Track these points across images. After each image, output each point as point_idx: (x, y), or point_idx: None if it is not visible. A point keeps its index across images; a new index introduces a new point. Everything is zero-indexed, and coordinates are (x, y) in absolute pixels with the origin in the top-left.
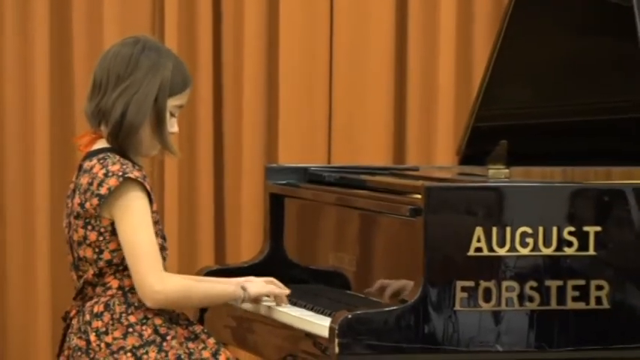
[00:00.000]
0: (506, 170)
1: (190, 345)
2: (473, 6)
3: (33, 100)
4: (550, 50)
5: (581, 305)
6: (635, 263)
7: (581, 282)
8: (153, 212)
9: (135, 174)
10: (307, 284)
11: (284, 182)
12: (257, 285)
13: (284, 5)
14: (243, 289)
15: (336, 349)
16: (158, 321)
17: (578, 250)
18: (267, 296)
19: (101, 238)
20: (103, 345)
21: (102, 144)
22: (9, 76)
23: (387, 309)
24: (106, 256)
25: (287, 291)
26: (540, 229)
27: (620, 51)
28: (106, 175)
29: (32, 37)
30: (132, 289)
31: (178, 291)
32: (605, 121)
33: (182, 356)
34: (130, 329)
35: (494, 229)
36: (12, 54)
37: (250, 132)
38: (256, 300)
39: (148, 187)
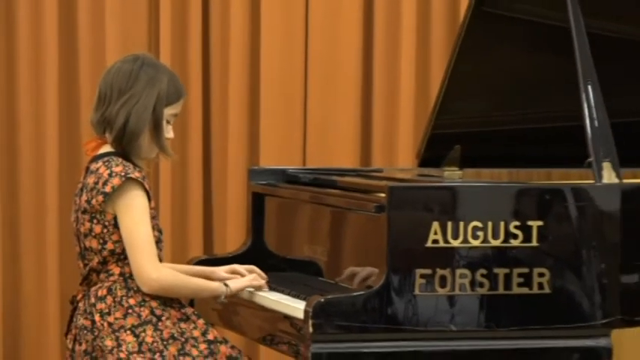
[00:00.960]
0: (460, 172)
1: (182, 325)
2: (430, 26)
3: (44, 110)
4: (499, 66)
5: (525, 290)
6: (573, 253)
7: (525, 270)
8: (151, 209)
9: (136, 174)
10: (285, 272)
11: (264, 182)
12: (238, 282)
13: (265, 27)
14: (226, 285)
15: (310, 329)
16: (154, 303)
17: (523, 242)
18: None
19: (105, 231)
20: (106, 324)
21: (106, 149)
22: (23, 90)
23: (355, 294)
24: (110, 246)
25: (264, 282)
26: (489, 223)
27: (561, 67)
28: (110, 175)
29: (44, 56)
30: (132, 276)
31: (171, 282)
32: (547, 129)
33: (175, 335)
34: (130, 310)
35: (449, 224)
36: (26, 70)
37: (235, 138)
38: (234, 295)
39: (147, 186)
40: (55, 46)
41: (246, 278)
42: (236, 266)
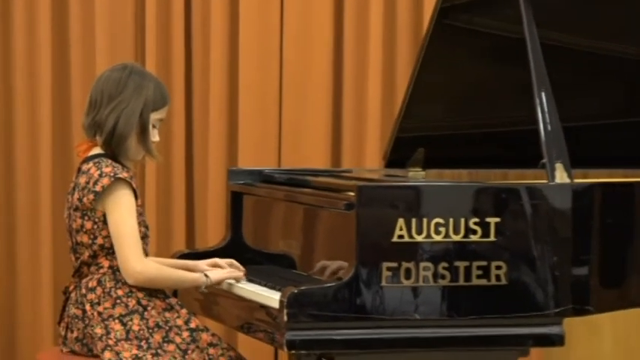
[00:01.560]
0: (423, 172)
1: (167, 314)
2: (396, 37)
3: (39, 115)
4: (460, 74)
5: (483, 282)
6: (527, 248)
7: (484, 263)
8: (138, 206)
9: (124, 175)
10: (261, 265)
11: (242, 182)
12: (217, 273)
13: (242, 39)
14: (206, 276)
15: (285, 318)
16: (140, 294)
17: (482, 237)
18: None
19: (95, 227)
20: (95, 314)
21: (97, 150)
22: (19, 96)
23: (326, 285)
24: (99, 241)
25: (242, 274)
26: (451, 220)
27: (516, 75)
28: (100, 175)
29: (38, 66)
30: (119, 269)
31: (154, 274)
32: (504, 132)
33: (160, 323)
34: (118, 301)
35: (414, 220)
36: (22, 79)
37: (215, 141)
38: (216, 285)
39: (134, 185)
40: (49, 57)
41: (225, 270)
42: (217, 260)
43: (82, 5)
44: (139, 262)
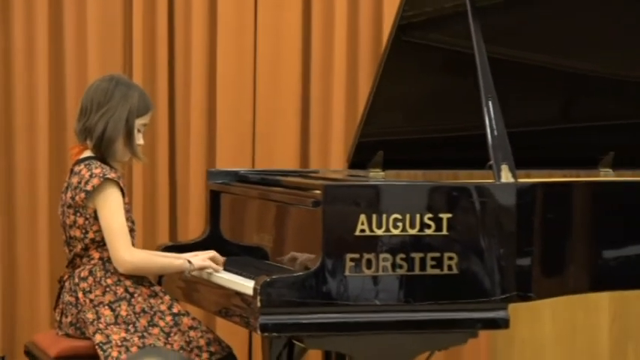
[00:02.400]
0: (383, 173)
1: (152, 300)
2: (358, 52)
3: (37, 121)
4: (416, 85)
5: (437, 271)
6: (476, 240)
7: (437, 254)
8: (125, 203)
9: (112, 175)
10: (237, 256)
11: (220, 182)
12: (199, 260)
13: (220, 54)
14: (190, 263)
15: (258, 304)
16: (128, 282)
17: (435, 231)
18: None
19: (87, 222)
20: (87, 300)
21: (88, 153)
22: (19, 104)
23: (295, 274)
24: (90, 235)
25: (221, 262)
26: (407, 215)
27: (467, 85)
28: (90, 176)
29: (37, 77)
30: (109, 260)
31: (142, 262)
32: (455, 137)
33: (145, 309)
34: (108, 289)
35: (374, 216)
36: (21, 89)
37: (196, 145)
38: (198, 271)
39: (121, 184)
40: (46, 69)
41: (206, 258)
42: (198, 253)
43: (76, 23)
44: (128, 252)
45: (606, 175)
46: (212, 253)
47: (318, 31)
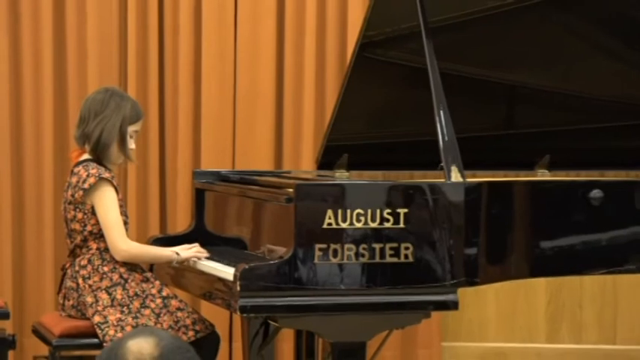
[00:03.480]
0: (347, 173)
1: (144, 285)
2: (326, 67)
3: (43, 128)
4: (376, 96)
5: (395, 260)
6: (429, 232)
7: (395, 245)
8: (119, 200)
9: (106, 175)
10: (219, 247)
11: (204, 181)
12: (186, 252)
13: (204, 71)
14: (177, 254)
15: (238, 288)
16: (122, 270)
17: (393, 224)
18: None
19: (85, 217)
20: (87, 286)
21: (86, 156)
22: (27, 113)
23: (271, 262)
24: (89, 228)
25: (206, 254)
26: (369, 210)
27: (420, 97)
28: (88, 176)
29: (42, 88)
30: (105, 250)
31: (136, 252)
32: (411, 142)
33: (138, 292)
34: (104, 275)
35: (339, 211)
36: (28, 99)
37: (183, 148)
38: (184, 262)
39: (115, 183)
40: (51, 83)
41: (192, 250)
42: (186, 246)
43: (77, 41)
44: (123, 243)
45: (543, 176)
46: (196, 246)
47: (290, 49)
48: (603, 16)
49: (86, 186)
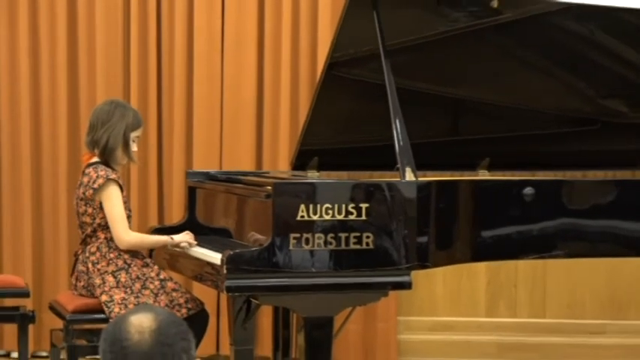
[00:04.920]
0: (317, 173)
1: (144, 269)
2: (299, 83)
3: (58, 136)
4: (343, 107)
5: (358, 247)
6: (387, 224)
7: (358, 234)
8: (123, 197)
9: (113, 176)
10: (208, 236)
11: (196, 180)
12: (179, 237)
13: (196, 86)
14: (172, 239)
15: (224, 271)
16: (126, 256)
17: (357, 216)
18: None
19: (94, 211)
20: (95, 269)
21: (95, 159)
22: (44, 122)
23: (252, 249)
24: (97, 221)
25: (194, 243)
26: (336, 205)
27: (380, 108)
28: (97, 177)
29: (57, 101)
30: (112, 239)
31: (135, 241)
32: (372, 147)
33: (139, 276)
34: (111, 261)
35: (311, 205)
36: (47, 112)
37: (178, 152)
38: (178, 246)
39: (120, 182)
40: (65, 95)
41: (184, 237)
42: (180, 235)
43: (88, 60)
44: (126, 234)
45: (483, 175)
46: (188, 232)
47: (269, 68)
48: (535, 40)
49: (96, 185)
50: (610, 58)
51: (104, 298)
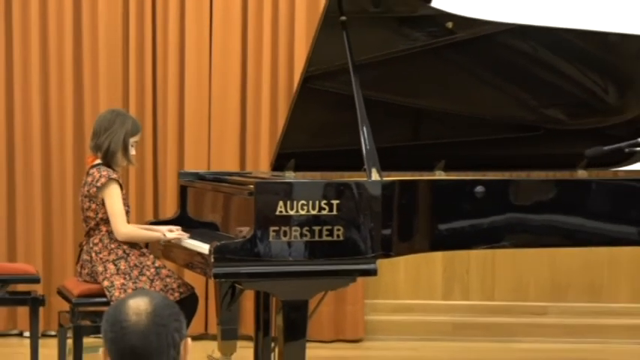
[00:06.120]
0: (294, 174)
1: (141, 258)
2: (278, 94)
3: (64, 140)
4: (317, 116)
5: (329, 238)
6: (355, 218)
7: (330, 227)
8: (123, 194)
9: (114, 176)
10: (198, 229)
11: (187, 179)
12: (171, 233)
13: (187, 94)
14: (164, 235)
15: (212, 260)
16: (125, 246)
17: (328, 212)
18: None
19: (97, 207)
20: (98, 258)
21: (98, 161)
22: (53, 129)
23: (236, 240)
24: (100, 215)
25: (186, 236)
26: (310, 201)
27: (350, 117)
28: (100, 177)
29: (64, 110)
30: (112, 232)
31: (134, 233)
32: (342, 150)
33: (137, 264)
34: (111, 251)
35: (288, 202)
36: (55, 117)
37: (171, 154)
38: (169, 241)
39: (120, 182)
40: (71, 104)
41: (175, 233)
42: (171, 227)
43: (91, 74)
44: (124, 227)
45: (440, 175)
46: (179, 229)
47: (251, 81)
48: (486, 57)
49: (99, 184)
50: (550, 72)
51: (106, 283)
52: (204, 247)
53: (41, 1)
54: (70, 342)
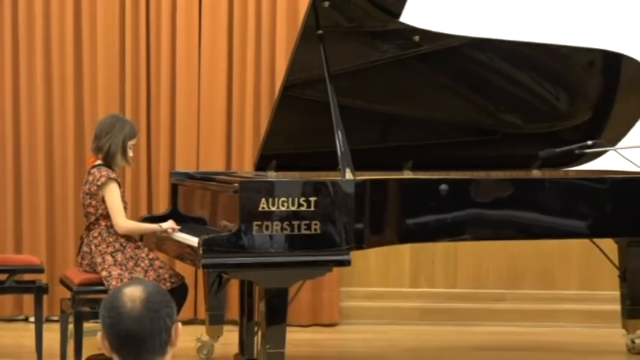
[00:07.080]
0: (275, 174)
1: (136, 251)
2: (260, 100)
3: (67, 143)
4: (295, 121)
5: (308, 232)
6: (331, 213)
7: (308, 222)
8: (121, 192)
9: (113, 175)
10: (188, 223)
11: (178, 178)
12: (166, 224)
13: (178, 101)
14: (160, 226)
15: (200, 252)
16: (122, 240)
17: (307, 208)
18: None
19: (97, 204)
20: (97, 251)
21: (98, 162)
22: (56, 132)
23: (223, 234)
24: (100, 211)
25: (177, 228)
26: (290, 198)
27: (327, 122)
28: (100, 176)
29: (66, 114)
30: (111, 226)
31: (131, 227)
32: (318, 152)
33: (133, 256)
34: (109, 244)
35: (270, 199)
36: (58, 122)
37: (163, 155)
38: (165, 232)
39: (119, 181)
40: (72, 110)
41: (169, 224)
42: (170, 221)
43: (91, 84)
44: (123, 222)
45: (407, 175)
46: (171, 221)
47: (236, 89)
48: (449, 66)
49: (99, 183)
50: (507, 81)
51: (104, 273)
52: (193, 240)
53: (45, 24)
54: (71, 326)
